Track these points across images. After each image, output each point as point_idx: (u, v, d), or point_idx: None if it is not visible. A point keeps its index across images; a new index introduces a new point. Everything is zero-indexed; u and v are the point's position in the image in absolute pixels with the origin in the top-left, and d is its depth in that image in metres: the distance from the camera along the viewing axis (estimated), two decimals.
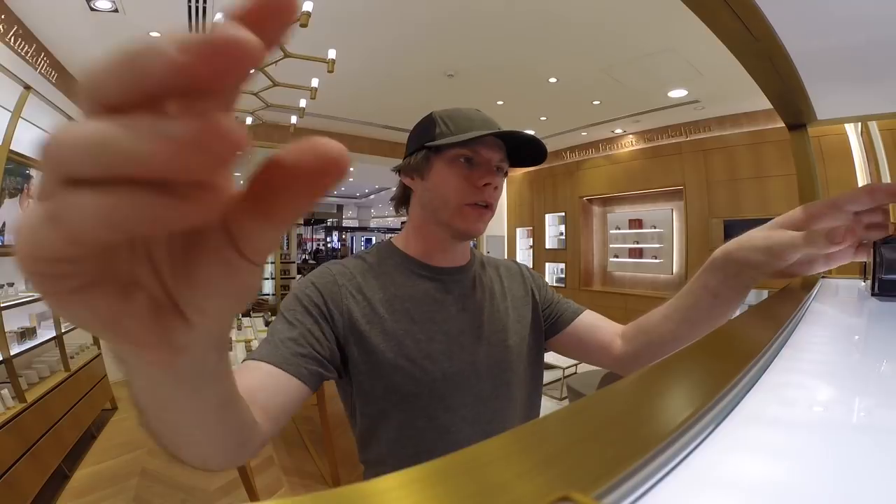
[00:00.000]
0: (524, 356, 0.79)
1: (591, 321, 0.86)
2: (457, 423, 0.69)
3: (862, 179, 3.86)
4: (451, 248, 0.77)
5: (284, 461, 2.89)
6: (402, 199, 0.80)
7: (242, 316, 3.97)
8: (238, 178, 0.15)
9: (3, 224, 2.69)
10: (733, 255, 0.57)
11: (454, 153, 0.70)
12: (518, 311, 0.81)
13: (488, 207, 0.72)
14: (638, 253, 6.08)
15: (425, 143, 0.72)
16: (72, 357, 3.22)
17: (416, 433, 0.68)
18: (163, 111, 0.12)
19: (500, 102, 4.58)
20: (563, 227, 6.73)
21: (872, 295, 0.93)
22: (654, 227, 5.84)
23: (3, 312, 2.36)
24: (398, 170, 0.78)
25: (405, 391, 0.67)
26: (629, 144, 5.91)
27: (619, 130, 5.80)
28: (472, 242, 0.83)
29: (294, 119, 4.04)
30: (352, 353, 0.67)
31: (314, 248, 16.90)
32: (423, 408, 0.68)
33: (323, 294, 0.68)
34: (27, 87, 2.67)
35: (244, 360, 0.58)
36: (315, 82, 3.07)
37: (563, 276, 6.72)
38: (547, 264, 6.99)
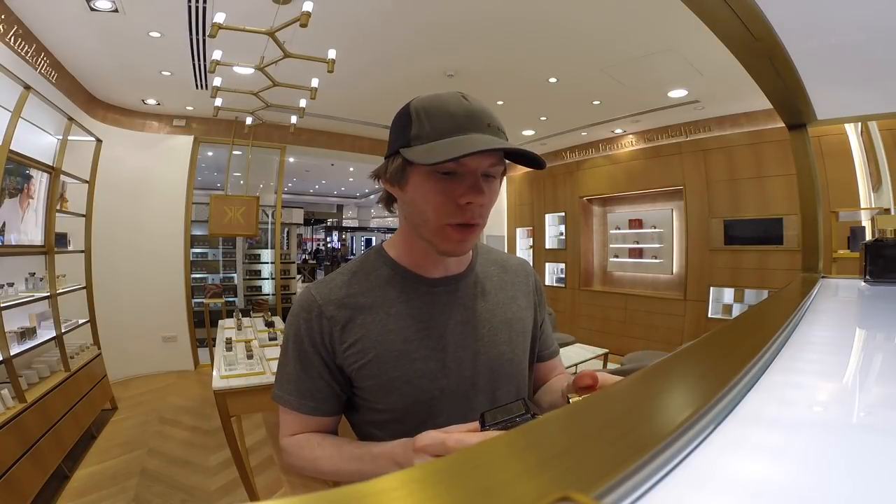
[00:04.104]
0: (523, 366, 0.78)
1: (553, 366, 0.88)
2: None
3: (862, 179, 3.84)
4: (444, 259, 0.72)
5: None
6: (390, 200, 0.74)
7: (243, 316, 3.97)
8: None
9: (3, 224, 2.68)
10: None
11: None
12: (520, 321, 0.78)
13: (474, 226, 0.64)
14: (638, 253, 6.07)
15: (400, 147, 0.63)
16: (72, 357, 3.21)
17: None
18: None
19: (500, 102, 4.57)
20: (563, 227, 6.73)
21: (864, 281, 1.22)
22: (654, 227, 5.84)
23: (3, 312, 2.36)
24: (376, 175, 0.71)
25: (403, 408, 0.68)
26: (629, 144, 5.91)
27: (619, 130, 5.80)
28: None
29: (294, 119, 4.03)
30: (351, 375, 0.69)
31: (314, 248, 16.91)
32: (422, 422, 0.68)
33: (317, 330, 0.69)
34: (27, 87, 2.66)
35: (279, 403, 0.73)
36: (315, 82, 3.07)
37: (563, 276, 6.72)
38: (547, 264, 6.99)
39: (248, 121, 4.19)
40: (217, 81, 3.28)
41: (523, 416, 0.47)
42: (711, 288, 4.97)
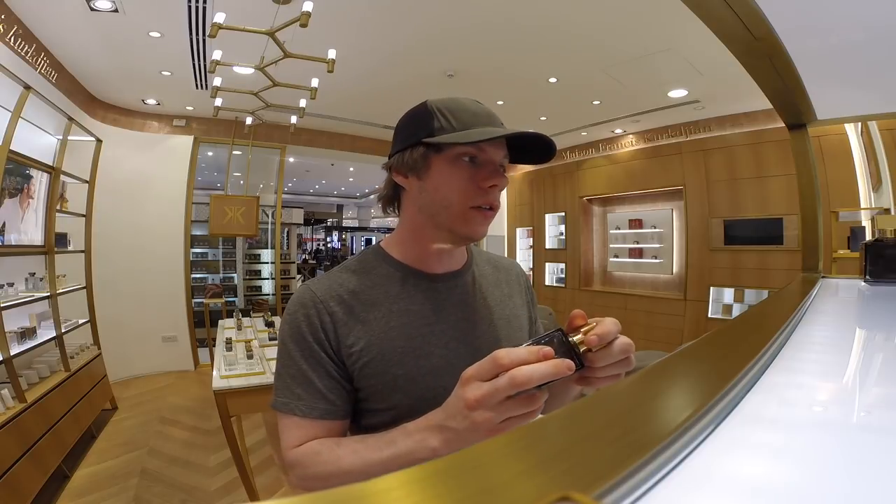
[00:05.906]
0: None
1: None
2: None
3: (862, 179, 3.85)
4: (449, 253, 0.74)
5: None
6: (392, 199, 0.75)
7: (243, 316, 3.97)
8: None
9: (3, 224, 2.68)
10: None
11: (458, 151, 0.65)
12: (517, 318, 0.80)
13: (493, 209, 0.68)
14: (638, 253, 6.08)
15: (423, 138, 0.66)
16: (72, 357, 3.21)
17: None
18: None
19: (500, 102, 4.57)
20: (563, 227, 6.73)
21: (864, 281, 1.22)
22: (654, 227, 5.84)
23: (3, 312, 2.36)
24: (389, 167, 0.72)
25: (407, 406, 0.66)
26: (629, 144, 5.91)
27: (619, 130, 5.80)
28: None
29: (294, 119, 4.03)
30: (353, 372, 0.68)
31: (314, 247, 16.90)
32: None
33: (319, 325, 0.67)
34: (27, 87, 2.66)
35: (281, 414, 0.68)
36: (315, 82, 3.07)
37: (563, 276, 6.72)
38: (547, 264, 6.99)
39: (248, 121, 4.19)
40: (217, 81, 3.28)
41: (557, 334, 0.49)
42: (711, 288, 4.97)
